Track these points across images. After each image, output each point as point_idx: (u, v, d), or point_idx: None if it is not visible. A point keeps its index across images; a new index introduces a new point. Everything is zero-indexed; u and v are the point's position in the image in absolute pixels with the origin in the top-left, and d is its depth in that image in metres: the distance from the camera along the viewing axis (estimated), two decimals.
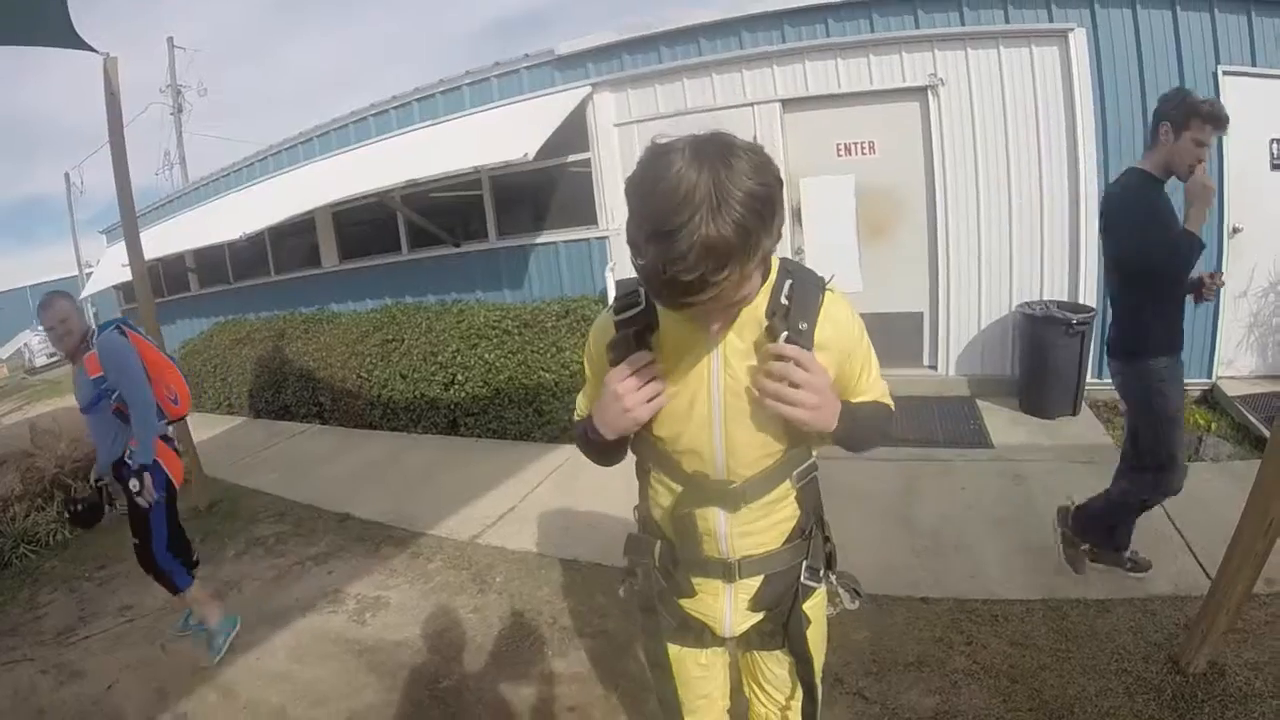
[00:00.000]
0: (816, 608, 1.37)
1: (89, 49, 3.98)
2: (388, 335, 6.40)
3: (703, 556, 1.28)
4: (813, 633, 1.34)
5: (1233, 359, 5.06)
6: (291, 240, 8.71)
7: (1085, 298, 5.05)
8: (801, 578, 1.31)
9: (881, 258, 5.53)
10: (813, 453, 1.28)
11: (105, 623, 3.49)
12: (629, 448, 1.32)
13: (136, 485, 2.81)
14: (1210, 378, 4.98)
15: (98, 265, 13.08)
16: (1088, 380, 4.88)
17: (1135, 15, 4.73)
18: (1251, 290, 4.94)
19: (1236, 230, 4.78)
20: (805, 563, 1.31)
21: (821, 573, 1.33)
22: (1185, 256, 2.41)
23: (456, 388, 5.72)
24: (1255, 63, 4.66)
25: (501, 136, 5.96)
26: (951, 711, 2.26)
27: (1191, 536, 3.00)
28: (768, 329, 1.12)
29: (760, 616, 1.34)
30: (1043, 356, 4.78)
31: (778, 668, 1.42)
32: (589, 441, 1.27)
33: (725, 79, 5.73)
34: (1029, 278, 5.25)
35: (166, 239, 9.05)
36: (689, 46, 5.79)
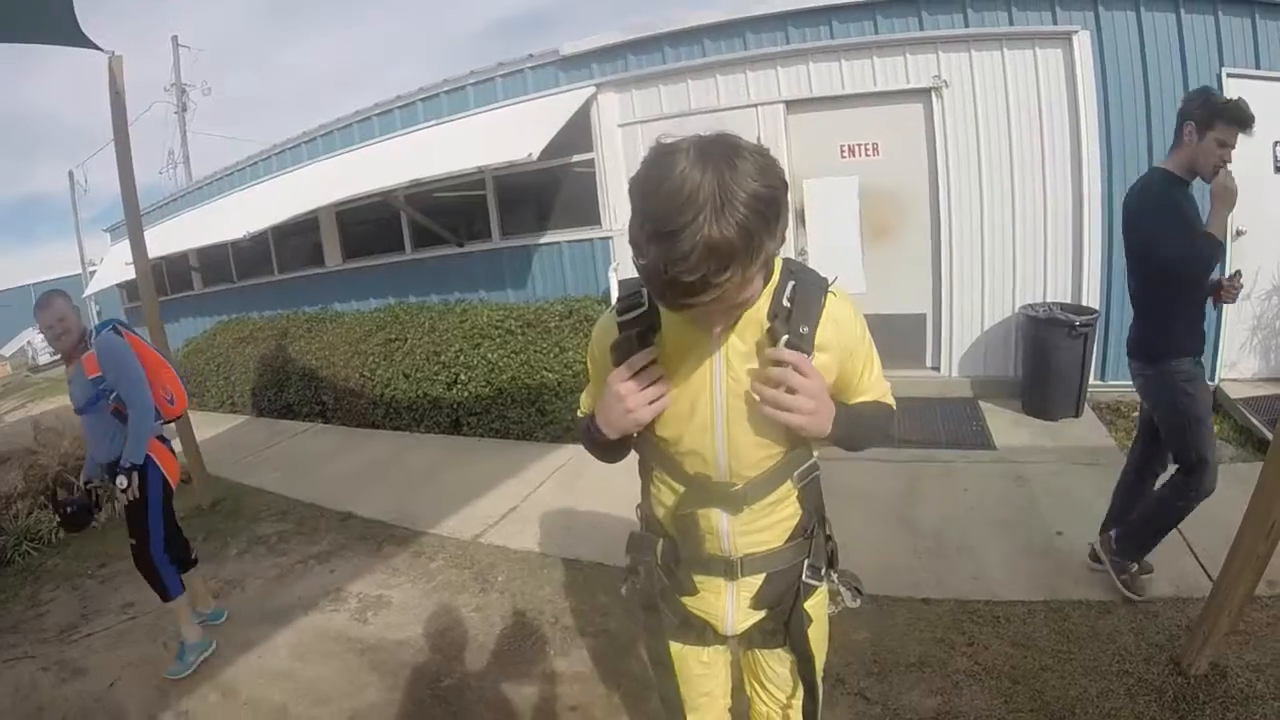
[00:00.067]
0: (818, 606, 1.37)
1: (94, 47, 3.99)
2: (391, 335, 6.41)
3: (705, 554, 1.29)
4: (814, 631, 1.34)
5: (1236, 361, 5.05)
6: (295, 239, 8.73)
7: (1088, 299, 5.05)
8: (803, 576, 1.31)
9: (885, 259, 5.53)
10: (814, 453, 1.29)
11: (107, 620, 3.50)
12: (632, 446, 1.33)
13: (124, 483, 2.80)
14: (1213, 380, 4.96)
15: (101, 264, 13.11)
16: (1090, 382, 4.89)
17: (1139, 17, 4.73)
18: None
19: (1240, 233, 4.76)
20: (807, 561, 1.31)
21: (823, 571, 1.33)
22: (1207, 259, 2.36)
23: (459, 387, 5.72)
24: (1259, 65, 4.65)
25: (505, 136, 5.98)
26: (953, 712, 2.26)
27: (1193, 538, 2.99)
28: (769, 331, 1.12)
29: (762, 614, 1.34)
30: (1045, 358, 4.78)
31: (779, 666, 1.42)
32: (591, 439, 1.28)
33: (729, 80, 5.73)
34: (1032, 279, 5.25)
35: (170, 238, 9.08)
36: (693, 47, 5.79)
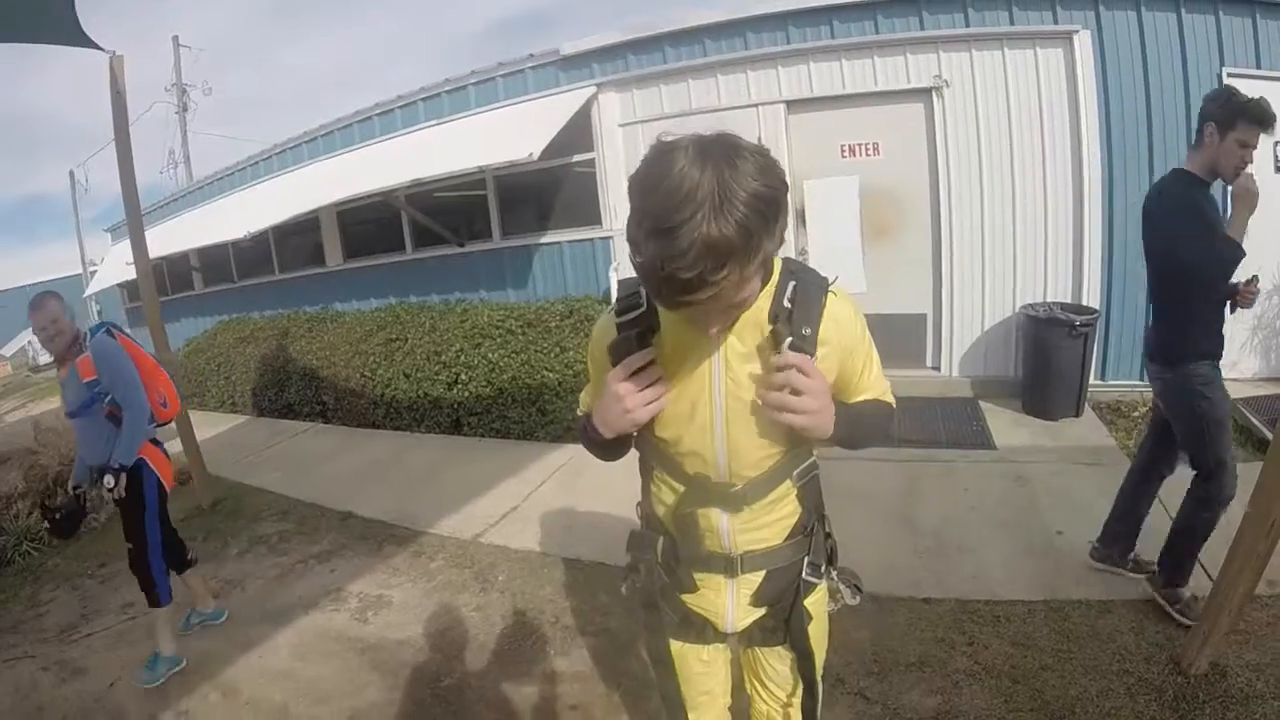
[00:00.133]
0: (818, 604, 1.37)
1: (96, 47, 3.99)
2: (391, 334, 6.41)
3: (705, 552, 1.29)
4: (814, 629, 1.35)
5: (1236, 361, 5.04)
6: (296, 239, 8.73)
7: (1089, 299, 5.05)
8: (803, 574, 1.31)
9: (885, 259, 5.53)
10: (813, 452, 1.29)
11: (107, 620, 3.50)
12: (632, 445, 1.33)
13: (110, 482, 2.77)
14: None
15: (102, 263, 13.12)
16: (1091, 382, 4.89)
17: (1140, 17, 4.73)
18: None
19: None
20: (807, 559, 1.31)
21: (823, 569, 1.33)
22: (1226, 262, 2.31)
23: (460, 387, 5.73)
24: (1260, 65, 4.65)
25: (506, 136, 5.98)
26: (953, 712, 2.26)
27: None
28: (772, 333, 1.11)
29: (762, 612, 1.34)
30: (1046, 358, 4.78)
31: (779, 664, 1.42)
32: (589, 438, 1.28)
33: (730, 80, 5.73)
34: (1032, 279, 5.25)
35: (171, 237, 9.09)
36: (694, 47, 5.79)
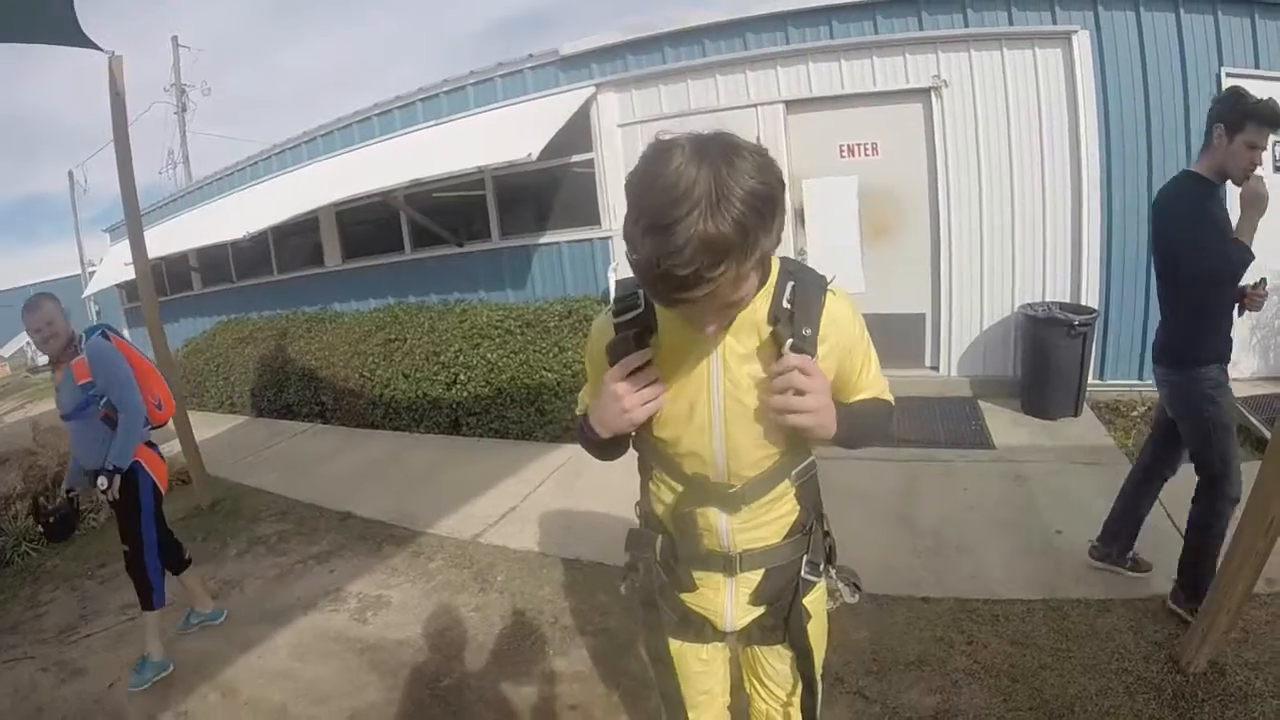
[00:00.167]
0: (817, 602, 1.37)
1: (95, 47, 3.98)
2: (390, 335, 6.41)
3: (703, 551, 1.29)
4: (813, 627, 1.34)
5: (1235, 360, 4.92)
6: (294, 240, 8.73)
7: (1087, 299, 5.05)
8: (802, 572, 1.31)
9: (884, 259, 5.53)
10: (812, 452, 1.29)
11: (107, 621, 3.49)
12: (631, 444, 1.33)
13: (104, 483, 2.77)
14: None
15: (101, 264, 13.11)
16: (1089, 381, 4.89)
17: (1139, 17, 4.74)
18: None
19: None
20: (805, 557, 1.31)
21: (821, 567, 1.34)
22: (1235, 266, 2.29)
23: (459, 387, 5.73)
24: (1259, 65, 4.66)
25: (505, 136, 5.98)
26: (952, 711, 2.26)
27: None
28: (772, 335, 1.11)
29: (761, 611, 1.34)
30: (1045, 357, 4.78)
31: (779, 663, 1.41)
32: (588, 438, 1.27)
33: (729, 80, 5.74)
34: (1031, 279, 5.25)
35: (170, 238, 9.08)
36: (693, 47, 5.80)
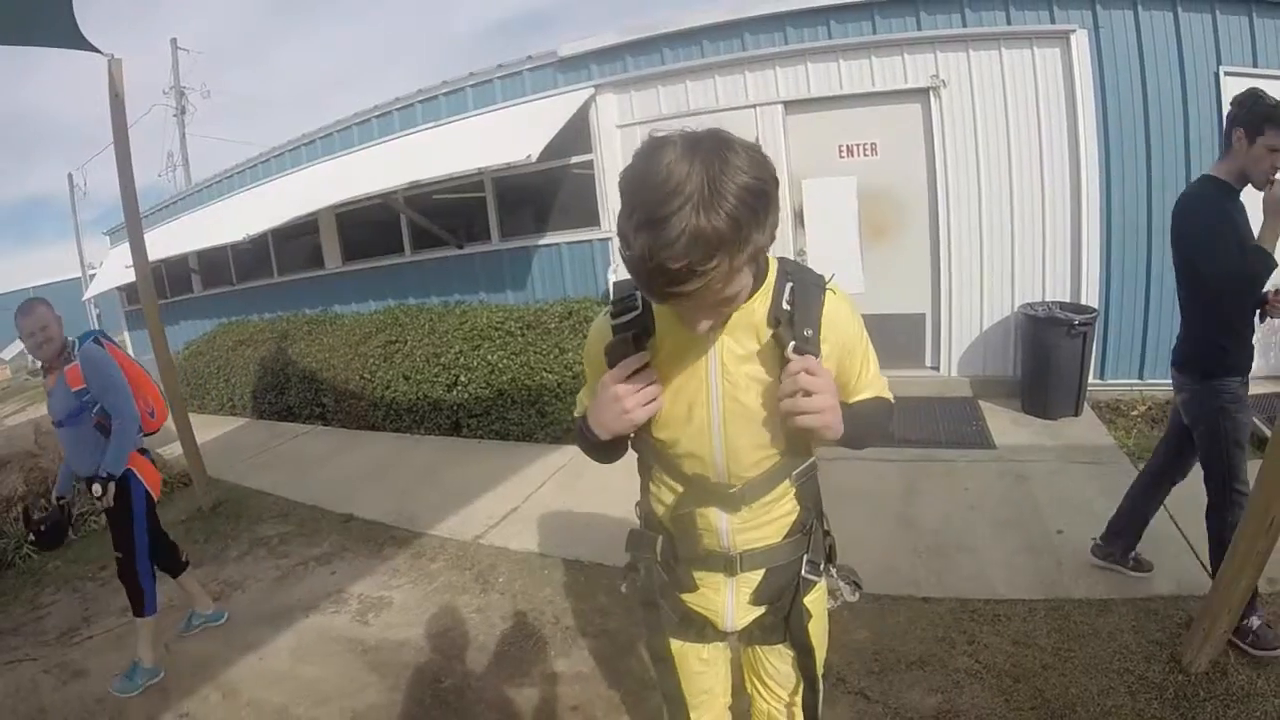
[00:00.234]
0: (817, 602, 1.37)
1: (93, 50, 3.99)
2: (391, 337, 6.42)
3: (704, 551, 1.29)
4: (814, 626, 1.35)
5: None
6: (294, 242, 8.73)
7: (1087, 299, 5.05)
8: (802, 571, 1.31)
9: (884, 259, 5.54)
10: (812, 452, 1.28)
11: (108, 622, 3.49)
12: (630, 445, 1.33)
13: (99, 490, 2.76)
14: None
15: (101, 266, 13.10)
16: (1090, 381, 4.89)
17: (1137, 16, 4.74)
18: None
19: None
20: (806, 557, 1.31)
21: (822, 566, 1.34)
22: (1256, 273, 2.23)
23: (459, 389, 5.73)
24: (1257, 63, 4.66)
25: (504, 138, 5.98)
26: (954, 711, 2.26)
27: (1193, 536, 2.98)
28: (774, 337, 1.12)
29: (761, 610, 1.34)
30: (1045, 357, 4.79)
31: (780, 663, 1.41)
32: (587, 440, 1.27)
33: (728, 80, 5.74)
34: (1031, 279, 5.25)
35: (170, 240, 9.09)
36: (692, 48, 5.80)
